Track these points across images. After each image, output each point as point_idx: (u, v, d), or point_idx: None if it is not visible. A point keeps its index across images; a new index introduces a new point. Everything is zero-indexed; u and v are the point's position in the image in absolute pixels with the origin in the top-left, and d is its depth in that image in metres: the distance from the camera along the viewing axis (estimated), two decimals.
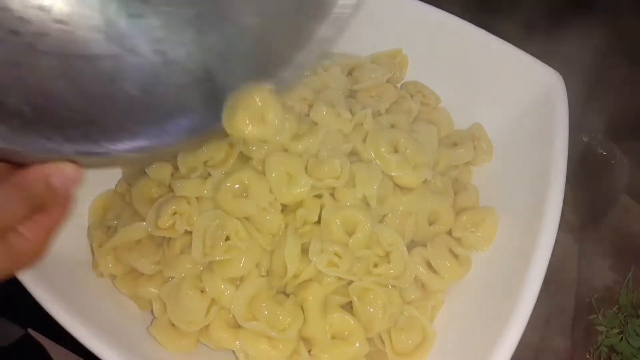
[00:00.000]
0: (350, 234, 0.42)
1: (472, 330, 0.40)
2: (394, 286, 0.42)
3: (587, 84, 0.53)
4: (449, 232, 0.45)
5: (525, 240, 0.40)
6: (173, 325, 0.40)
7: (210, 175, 0.43)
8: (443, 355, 0.40)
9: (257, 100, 0.35)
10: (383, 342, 0.41)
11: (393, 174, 0.44)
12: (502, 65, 0.47)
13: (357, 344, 0.40)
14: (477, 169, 0.49)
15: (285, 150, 0.44)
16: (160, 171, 0.44)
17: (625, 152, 0.56)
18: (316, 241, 0.40)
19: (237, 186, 0.42)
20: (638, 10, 0.57)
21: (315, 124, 0.45)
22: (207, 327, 0.40)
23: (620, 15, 0.57)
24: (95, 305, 0.39)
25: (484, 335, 0.38)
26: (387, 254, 0.42)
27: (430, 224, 0.46)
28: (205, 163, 0.44)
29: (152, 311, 0.41)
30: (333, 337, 0.40)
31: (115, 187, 0.47)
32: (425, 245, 0.44)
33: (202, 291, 0.40)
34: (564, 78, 0.45)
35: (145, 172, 0.45)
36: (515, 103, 0.47)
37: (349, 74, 0.52)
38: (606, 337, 0.45)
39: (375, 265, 0.41)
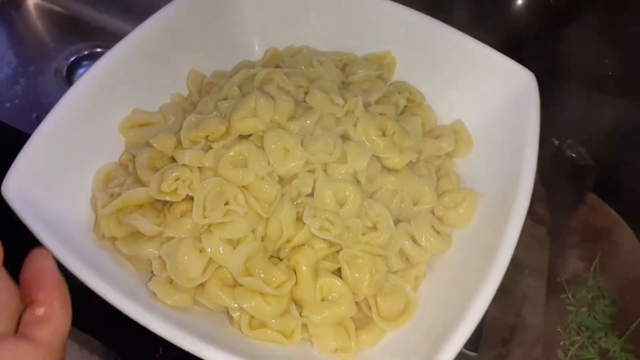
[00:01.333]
0: (341, 205, 0.45)
1: (449, 299, 0.43)
2: (380, 255, 0.44)
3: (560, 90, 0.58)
4: (432, 212, 0.49)
5: (499, 221, 0.43)
6: (171, 282, 0.42)
7: (211, 148, 0.46)
8: (423, 321, 0.43)
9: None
10: (369, 308, 0.43)
11: (381, 155, 0.48)
12: (481, 65, 0.52)
13: (345, 306, 0.42)
14: (458, 161, 0.53)
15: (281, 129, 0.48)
16: (165, 143, 0.47)
17: (592, 155, 0.61)
18: (310, 207, 0.43)
19: (239, 157, 0.45)
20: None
21: (311, 107, 0.49)
22: (203, 285, 0.42)
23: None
24: (97, 260, 0.41)
25: (458, 304, 0.40)
26: (375, 225, 0.45)
27: (415, 204, 0.49)
28: (206, 137, 0.47)
29: (151, 272, 0.43)
30: (322, 300, 0.43)
31: (119, 159, 0.49)
32: (409, 222, 0.47)
33: (200, 251, 0.42)
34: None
35: (149, 144, 0.48)
36: (492, 100, 0.52)
37: (342, 69, 0.56)
38: (576, 315, 0.48)
39: (364, 234, 0.44)
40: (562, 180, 0.61)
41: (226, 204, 0.43)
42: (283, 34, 0.60)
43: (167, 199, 0.43)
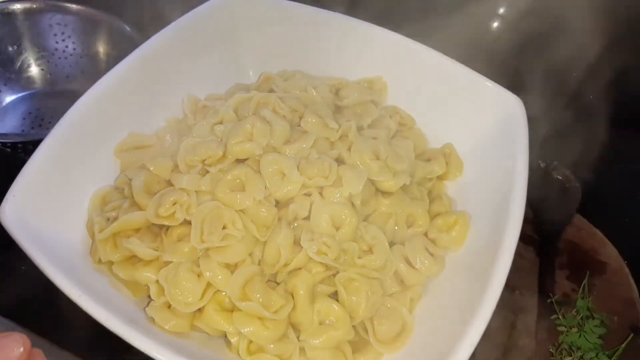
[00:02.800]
0: (337, 228, 0.45)
1: (445, 322, 0.43)
2: (376, 278, 0.45)
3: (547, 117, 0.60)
4: (425, 234, 0.50)
5: (492, 244, 0.44)
6: (169, 307, 0.42)
7: (208, 172, 0.47)
8: (420, 344, 0.43)
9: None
10: (366, 331, 0.44)
11: (375, 178, 0.49)
12: (469, 91, 0.54)
13: (342, 330, 0.42)
14: (449, 183, 0.54)
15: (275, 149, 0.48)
16: (162, 166, 0.47)
17: (578, 177, 0.63)
18: (307, 231, 0.44)
19: (236, 181, 0.46)
20: None
21: (305, 132, 0.50)
22: (201, 310, 0.42)
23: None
24: (95, 285, 0.41)
25: (454, 327, 0.41)
26: (370, 248, 0.46)
27: (408, 226, 0.50)
28: (203, 161, 0.47)
29: (148, 296, 0.43)
30: (320, 323, 0.43)
31: (115, 182, 0.49)
32: (403, 245, 0.48)
33: (198, 275, 0.42)
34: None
35: (145, 167, 0.48)
36: (481, 125, 0.53)
37: (335, 93, 0.57)
38: (566, 335, 0.49)
39: (360, 257, 0.45)
40: (549, 202, 0.62)
41: (224, 227, 0.43)
42: (276, 58, 0.61)
43: (165, 223, 0.44)
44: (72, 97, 0.48)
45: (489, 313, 0.39)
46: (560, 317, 0.51)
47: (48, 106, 0.74)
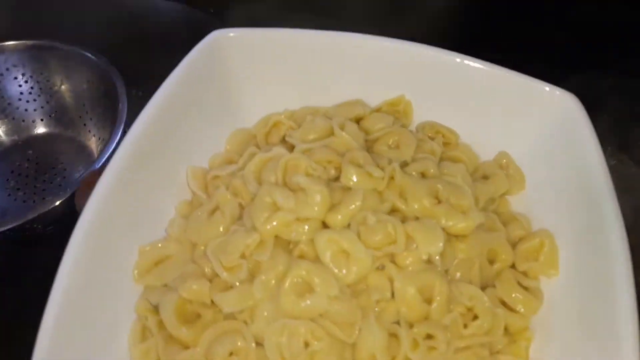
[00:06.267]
0: (427, 299, 0.39)
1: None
2: (483, 344, 0.39)
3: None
4: (512, 266, 0.44)
5: (596, 253, 0.39)
6: None
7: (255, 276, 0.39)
8: None
9: None
10: None
11: (444, 224, 0.42)
12: (509, 93, 0.47)
13: None
14: (512, 199, 0.48)
15: (325, 225, 0.41)
16: (198, 292, 0.39)
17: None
18: (404, 329, 0.37)
19: (296, 280, 0.38)
20: None
21: (348, 188, 0.42)
22: None
23: None
24: None
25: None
26: (470, 310, 0.40)
27: (491, 263, 0.44)
28: (242, 256, 0.39)
29: None
30: None
31: (136, 310, 0.40)
32: (493, 286, 0.42)
33: None
34: None
35: (172, 289, 0.40)
36: (535, 129, 0.47)
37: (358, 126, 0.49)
38: None
39: (465, 326, 0.38)
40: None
41: (306, 345, 0.36)
42: (278, 95, 0.52)
43: None
44: (51, 141, 0.39)
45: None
46: None
47: (31, 159, 0.66)
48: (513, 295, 0.41)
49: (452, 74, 0.48)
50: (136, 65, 0.74)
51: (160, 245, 0.43)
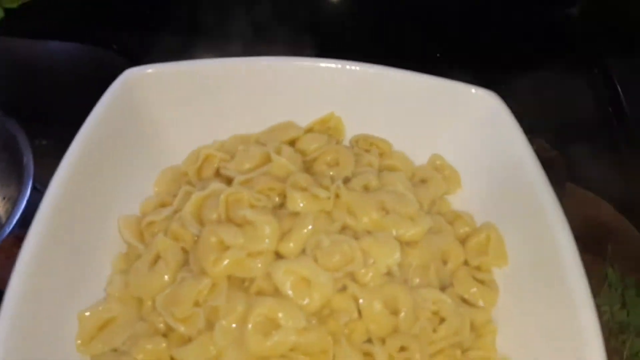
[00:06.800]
0: (393, 312, 0.38)
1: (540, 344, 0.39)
2: (454, 344, 0.39)
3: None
4: (465, 263, 0.45)
5: (542, 240, 0.40)
6: None
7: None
8: None
9: None
10: None
11: (396, 233, 0.42)
12: (433, 97, 0.48)
13: None
14: (452, 198, 0.49)
15: (279, 255, 0.40)
16: (153, 349, 0.36)
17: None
18: (378, 346, 0.36)
19: (258, 319, 0.36)
20: None
21: (295, 213, 0.41)
22: None
23: None
24: None
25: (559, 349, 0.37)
26: (435, 313, 0.40)
27: (445, 263, 0.44)
28: (196, 304, 0.37)
29: None
30: None
31: None
32: (451, 285, 0.43)
33: None
34: None
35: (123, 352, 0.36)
36: (462, 129, 0.48)
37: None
38: (611, 315, 0.48)
39: (434, 331, 0.38)
40: None
41: None
42: (203, 127, 0.50)
43: None
44: None
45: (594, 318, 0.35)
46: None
47: None
48: (471, 290, 0.42)
49: (375, 85, 0.49)
50: (37, 113, 0.69)
51: (101, 308, 0.39)
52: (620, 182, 0.62)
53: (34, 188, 0.55)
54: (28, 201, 0.53)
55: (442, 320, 0.39)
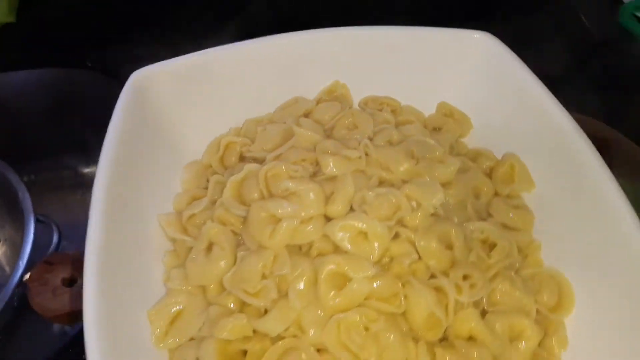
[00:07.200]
0: (447, 247, 0.40)
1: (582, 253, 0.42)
2: (507, 266, 0.42)
3: None
4: (496, 195, 0.47)
5: (564, 159, 0.42)
6: None
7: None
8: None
9: None
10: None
11: (430, 177, 0.44)
12: (432, 47, 0.50)
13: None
14: (467, 140, 0.52)
15: (329, 219, 0.41)
16: (236, 325, 0.37)
17: None
18: (444, 279, 0.38)
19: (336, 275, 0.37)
20: None
21: (333, 176, 0.43)
22: None
23: None
24: None
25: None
26: (484, 242, 0.42)
27: (477, 198, 0.46)
28: (263, 277, 0.38)
29: None
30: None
31: None
32: (490, 216, 0.45)
33: None
34: None
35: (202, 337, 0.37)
36: (465, 73, 0.50)
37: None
38: None
39: (488, 257, 0.41)
40: None
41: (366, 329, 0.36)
42: (217, 117, 0.50)
43: None
44: None
45: None
46: None
47: None
48: (510, 215, 0.44)
49: (372, 46, 0.50)
50: (17, 150, 0.68)
51: (167, 302, 0.39)
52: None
53: (36, 220, 0.54)
54: (35, 234, 0.53)
55: (493, 246, 0.42)
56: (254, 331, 0.37)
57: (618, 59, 0.76)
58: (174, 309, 0.39)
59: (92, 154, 0.75)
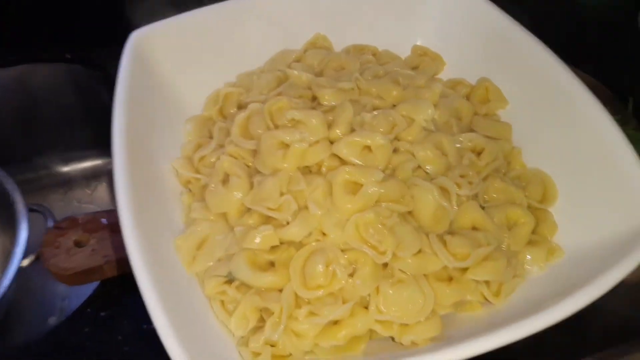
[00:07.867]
0: (445, 154, 0.45)
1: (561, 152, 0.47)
2: (496, 168, 0.46)
3: None
4: (475, 114, 0.52)
5: (539, 78, 0.47)
6: None
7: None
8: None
9: None
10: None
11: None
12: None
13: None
14: (442, 75, 0.57)
15: (332, 142, 0.45)
16: (265, 235, 0.40)
17: None
18: (445, 178, 0.43)
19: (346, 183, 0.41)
20: None
21: (331, 106, 0.47)
22: None
23: None
24: None
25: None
26: (472, 150, 0.47)
27: (460, 119, 0.51)
28: (282, 194, 0.41)
29: None
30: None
31: None
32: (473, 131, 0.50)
33: None
34: None
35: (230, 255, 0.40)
36: (431, 15, 0.56)
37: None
38: None
39: (479, 159, 0.45)
40: None
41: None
42: (207, 72, 0.53)
43: None
44: None
45: None
46: None
47: None
48: (492, 127, 0.49)
49: None
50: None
51: (192, 230, 0.42)
52: None
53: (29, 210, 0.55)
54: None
55: (481, 151, 0.46)
56: (280, 243, 0.40)
57: None
58: (200, 234, 0.42)
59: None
